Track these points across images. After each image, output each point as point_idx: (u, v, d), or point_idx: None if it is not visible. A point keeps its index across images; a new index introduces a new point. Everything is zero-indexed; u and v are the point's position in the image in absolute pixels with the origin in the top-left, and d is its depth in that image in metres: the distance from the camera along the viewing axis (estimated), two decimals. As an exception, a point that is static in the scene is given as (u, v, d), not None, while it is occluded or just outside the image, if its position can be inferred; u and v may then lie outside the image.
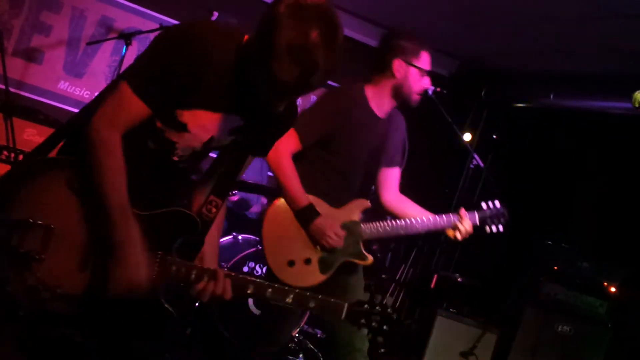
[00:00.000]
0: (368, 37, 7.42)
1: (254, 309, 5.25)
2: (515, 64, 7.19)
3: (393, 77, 3.55)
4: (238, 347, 3.93)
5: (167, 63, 2.19)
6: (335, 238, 3.43)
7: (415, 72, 3.54)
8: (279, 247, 3.46)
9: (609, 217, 6.42)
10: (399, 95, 3.58)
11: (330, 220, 3.44)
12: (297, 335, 5.42)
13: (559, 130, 7.06)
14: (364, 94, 3.58)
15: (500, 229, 3.76)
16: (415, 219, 3.63)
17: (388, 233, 3.59)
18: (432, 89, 5.47)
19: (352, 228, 3.53)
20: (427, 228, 3.65)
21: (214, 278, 2.34)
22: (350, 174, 3.61)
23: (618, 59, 5.93)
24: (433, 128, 7.23)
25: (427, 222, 3.64)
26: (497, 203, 3.79)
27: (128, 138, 2.23)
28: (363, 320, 2.48)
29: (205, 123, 2.32)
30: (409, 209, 3.76)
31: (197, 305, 5.11)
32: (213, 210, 2.44)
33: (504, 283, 6.15)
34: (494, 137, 7.23)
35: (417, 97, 3.59)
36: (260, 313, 4.79)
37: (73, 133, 2.35)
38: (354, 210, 3.58)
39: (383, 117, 3.63)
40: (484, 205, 3.77)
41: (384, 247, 6.75)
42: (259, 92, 2.20)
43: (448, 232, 3.69)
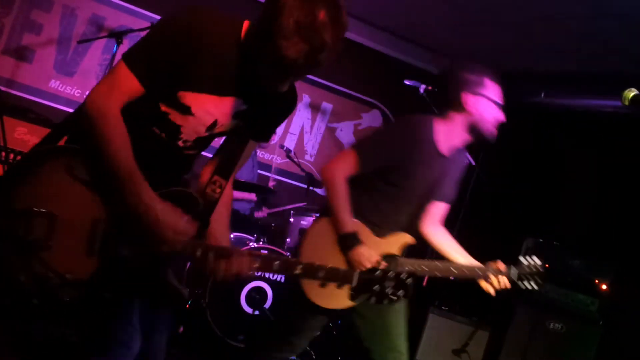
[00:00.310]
0: (360, 35, 7.44)
1: (247, 308, 5.26)
2: (506, 63, 7.21)
3: (465, 111, 3.43)
4: (249, 348, 3.88)
5: (164, 43, 2.23)
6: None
7: (486, 102, 3.43)
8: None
9: (600, 214, 6.45)
10: (475, 131, 3.47)
11: (371, 251, 3.38)
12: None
13: (550, 129, 7.08)
14: (433, 129, 3.47)
15: (535, 287, 3.58)
16: (453, 266, 3.54)
17: (424, 272, 3.51)
18: (423, 87, 5.51)
19: (389, 261, 3.45)
20: (462, 276, 3.54)
21: (235, 255, 2.37)
22: (402, 208, 3.54)
23: (608, 58, 5.95)
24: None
25: (463, 270, 3.54)
26: (536, 259, 3.61)
27: (133, 124, 2.26)
28: (377, 287, 2.43)
29: (209, 107, 2.35)
30: (446, 245, 3.71)
31: (189, 304, 5.11)
32: (217, 190, 2.48)
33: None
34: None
35: (493, 130, 3.47)
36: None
37: (74, 128, 2.36)
38: (395, 244, 3.52)
39: (447, 154, 3.52)
40: (523, 261, 3.60)
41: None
42: (265, 72, 2.23)
43: (480, 282, 3.58)
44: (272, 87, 2.30)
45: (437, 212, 3.74)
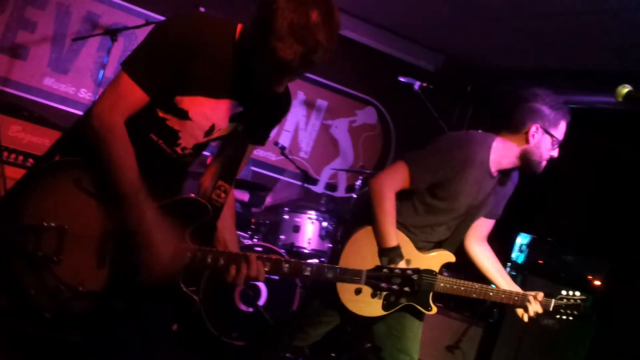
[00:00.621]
0: (355, 32, 7.44)
1: (241, 305, 5.27)
2: (501, 60, 7.22)
3: (526, 141, 3.40)
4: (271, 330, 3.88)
5: (163, 50, 2.24)
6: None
7: (549, 140, 3.41)
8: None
9: (594, 211, 6.47)
10: (526, 161, 3.45)
11: (411, 261, 3.40)
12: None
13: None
14: (490, 148, 3.44)
15: (570, 318, 3.57)
16: (491, 289, 3.52)
17: (460, 292, 3.49)
18: (418, 84, 5.52)
19: (427, 277, 3.46)
20: (498, 299, 3.53)
21: (247, 262, 2.36)
22: (443, 222, 3.54)
23: (602, 55, 5.97)
24: (419, 123, 7.27)
25: (500, 295, 3.53)
26: (577, 293, 3.59)
27: (131, 131, 2.27)
28: (384, 284, 2.46)
29: (206, 110, 2.37)
30: (486, 262, 3.72)
31: (183, 302, 5.11)
32: (222, 195, 2.48)
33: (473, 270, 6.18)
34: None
35: (544, 164, 3.47)
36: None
37: (78, 136, 2.37)
38: (436, 261, 3.52)
39: (496, 174, 3.49)
40: (564, 293, 3.59)
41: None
42: (260, 75, 2.25)
43: (516, 309, 3.57)
44: (268, 88, 2.31)
45: (483, 228, 3.73)
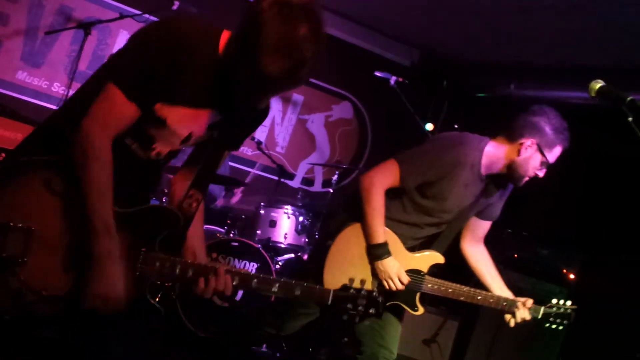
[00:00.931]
0: (331, 27, 7.43)
1: (218, 301, 5.24)
2: (476, 55, 7.26)
3: (517, 153, 3.39)
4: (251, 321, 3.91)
5: (151, 61, 2.18)
6: (398, 284, 3.39)
7: (539, 159, 3.40)
8: (340, 268, 3.41)
9: (568, 205, 6.52)
10: (511, 171, 3.44)
11: (399, 264, 3.40)
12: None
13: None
14: (482, 151, 3.44)
15: (559, 328, 3.64)
16: (479, 294, 3.54)
17: (448, 294, 3.52)
18: (394, 79, 5.53)
19: (415, 278, 3.49)
20: (486, 304, 3.55)
21: (216, 275, 2.35)
22: (436, 224, 3.56)
23: (576, 50, 6.02)
24: (395, 118, 7.29)
25: (488, 298, 3.55)
26: (568, 303, 3.64)
27: None
28: (349, 305, 2.47)
29: (184, 119, 2.31)
30: (482, 264, 3.72)
31: (159, 296, 5.08)
32: (194, 205, 2.43)
33: (465, 271, 6.20)
34: (456, 127, 7.29)
35: (525, 180, 3.47)
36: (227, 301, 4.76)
37: (53, 132, 2.32)
38: (425, 261, 3.53)
39: (485, 177, 3.49)
40: (554, 301, 3.64)
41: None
42: (245, 88, 2.20)
43: (505, 314, 3.60)
44: (252, 102, 2.28)
45: (479, 229, 3.74)
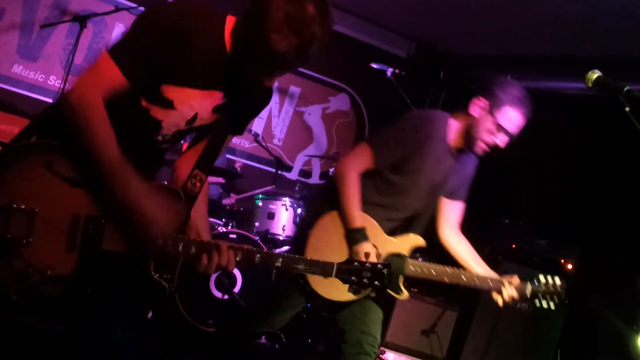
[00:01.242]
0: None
1: (216, 293, 5.25)
2: (473, 46, 7.25)
3: (468, 114, 3.45)
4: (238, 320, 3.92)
5: (149, 37, 2.23)
6: None
7: (491, 120, 3.40)
8: (320, 252, 3.40)
9: (565, 195, 6.53)
10: (466, 135, 3.48)
11: (374, 250, 3.39)
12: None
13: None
14: (446, 126, 3.49)
15: (552, 307, 3.54)
16: (464, 274, 3.53)
17: (432, 276, 3.49)
18: (391, 71, 5.52)
19: (397, 261, 3.48)
20: (472, 284, 3.53)
21: (219, 251, 2.36)
22: (410, 200, 3.55)
23: (572, 41, 6.01)
24: (392, 109, 7.27)
25: (473, 278, 3.53)
26: (557, 280, 3.55)
27: (112, 120, 2.24)
28: (354, 278, 2.45)
29: (190, 100, 2.35)
30: (462, 251, 3.70)
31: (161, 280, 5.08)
32: (197, 185, 2.47)
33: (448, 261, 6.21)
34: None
35: (482, 146, 3.47)
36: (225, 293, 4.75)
37: (51, 122, 2.35)
38: (406, 244, 3.52)
39: (454, 152, 3.53)
40: (542, 279, 3.55)
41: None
42: (253, 66, 2.24)
43: (492, 293, 3.55)
44: (259, 81, 2.31)
45: (453, 213, 3.74)
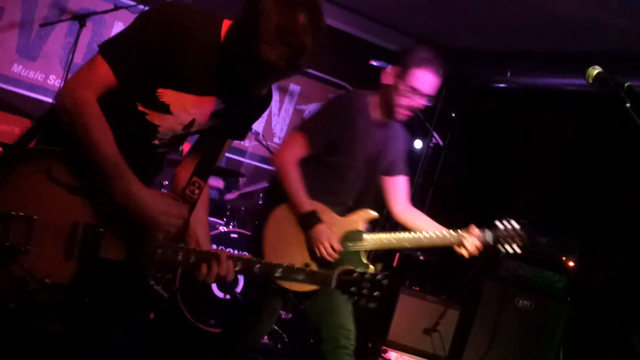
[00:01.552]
0: (326, 16, 7.39)
1: (218, 293, 5.25)
2: (472, 42, 7.23)
3: (383, 86, 3.53)
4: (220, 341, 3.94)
5: (143, 39, 2.21)
6: (330, 251, 3.40)
7: (403, 86, 3.47)
8: (278, 249, 3.44)
9: (566, 192, 6.52)
10: (385, 104, 3.54)
11: (332, 231, 3.42)
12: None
13: (517, 108, 7.13)
14: (367, 101, 3.57)
15: (517, 250, 3.56)
16: (422, 234, 3.56)
17: (392, 245, 3.53)
18: (389, 68, 5.51)
19: (355, 237, 3.52)
20: (433, 244, 3.56)
21: (218, 260, 2.35)
22: (351, 180, 3.60)
23: (573, 36, 5.99)
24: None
25: (433, 237, 3.56)
26: (514, 223, 3.58)
27: (111, 123, 2.22)
28: (354, 288, 2.48)
29: (188, 106, 2.33)
30: (420, 222, 3.71)
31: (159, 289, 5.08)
32: (196, 192, 2.45)
33: (465, 260, 6.21)
34: (453, 115, 7.27)
35: (402, 111, 3.52)
36: (242, 306, 4.77)
37: (52, 123, 2.32)
38: (359, 220, 3.55)
39: (382, 126, 3.60)
40: (499, 225, 3.59)
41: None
42: (244, 75, 2.23)
43: (455, 248, 3.59)
44: (252, 90, 2.30)
45: (399, 189, 3.79)
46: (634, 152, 5.30)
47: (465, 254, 3.58)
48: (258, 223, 3.59)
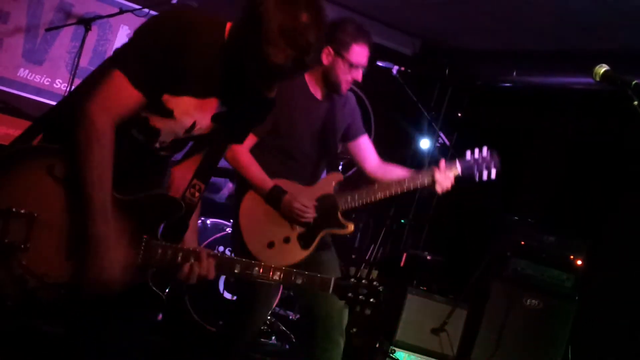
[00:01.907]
0: (331, 16, 7.39)
1: (226, 294, 5.25)
2: (478, 42, 7.23)
3: (321, 65, 3.55)
4: (218, 338, 3.95)
5: (157, 50, 2.20)
6: (304, 209, 3.46)
7: (342, 63, 3.53)
8: (257, 232, 3.48)
9: (574, 191, 6.51)
10: (327, 82, 3.60)
11: (299, 195, 3.47)
12: (269, 318, 5.43)
13: (523, 107, 7.12)
14: (304, 79, 3.62)
15: (492, 176, 3.67)
16: (390, 182, 3.60)
17: (364, 199, 3.58)
18: (396, 68, 5.51)
19: (327, 200, 3.57)
20: (403, 187, 3.59)
21: (198, 259, 2.35)
22: (302, 156, 3.63)
23: (578, 35, 5.98)
24: (397, 107, 7.28)
25: (402, 182, 3.60)
26: (484, 150, 3.69)
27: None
28: (350, 294, 2.51)
29: (189, 109, 2.32)
30: (393, 173, 3.74)
31: (167, 291, 5.09)
32: (196, 194, 2.46)
33: (472, 259, 6.21)
34: (459, 115, 7.27)
35: (345, 86, 3.59)
36: (235, 299, 4.78)
37: (52, 125, 2.33)
38: (327, 184, 3.61)
39: (322, 98, 3.66)
40: (468, 154, 3.67)
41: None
42: (251, 78, 2.24)
43: (433, 187, 3.61)
44: (258, 92, 2.32)
45: (364, 149, 3.83)
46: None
47: (439, 190, 3.60)
48: (233, 220, 3.62)
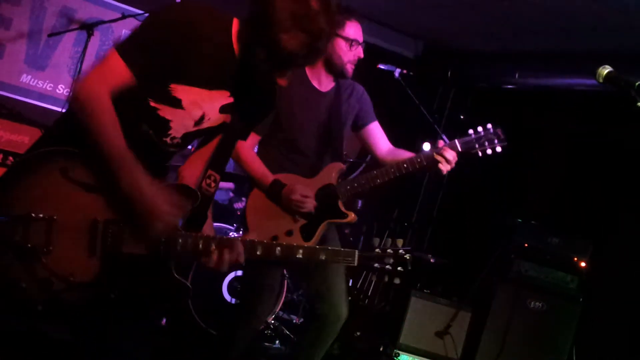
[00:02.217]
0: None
1: (228, 298, 5.25)
2: (480, 44, 7.22)
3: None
4: (218, 336, 3.96)
5: (157, 35, 2.24)
6: (302, 199, 3.47)
7: (342, 42, 3.56)
8: (262, 228, 3.51)
9: (577, 192, 6.50)
10: (332, 68, 3.62)
11: (297, 187, 3.48)
12: (272, 322, 5.43)
13: (525, 109, 7.11)
14: (305, 72, 3.63)
15: (498, 150, 3.59)
16: (391, 166, 3.56)
17: (364, 186, 3.58)
18: (398, 71, 5.50)
19: (328, 190, 3.59)
20: (402, 170, 3.54)
21: (231, 246, 2.38)
22: (307, 148, 3.65)
23: (580, 36, 5.98)
24: (400, 110, 7.27)
25: (401, 165, 3.55)
26: (488, 125, 3.60)
27: (122, 121, 2.25)
28: (377, 265, 2.51)
29: (198, 99, 2.36)
30: (399, 158, 3.68)
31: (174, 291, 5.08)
32: (212, 185, 2.49)
33: (476, 262, 6.21)
34: (462, 117, 7.26)
35: (350, 66, 3.62)
36: (237, 298, 4.79)
37: (66, 128, 2.35)
38: (328, 175, 3.62)
39: (326, 91, 3.68)
40: (471, 131, 3.59)
41: (356, 230, 6.77)
42: (264, 68, 2.26)
43: (436, 167, 3.52)
44: (272, 80, 2.33)
45: (374, 135, 3.83)
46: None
47: (443, 170, 3.52)
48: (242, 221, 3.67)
